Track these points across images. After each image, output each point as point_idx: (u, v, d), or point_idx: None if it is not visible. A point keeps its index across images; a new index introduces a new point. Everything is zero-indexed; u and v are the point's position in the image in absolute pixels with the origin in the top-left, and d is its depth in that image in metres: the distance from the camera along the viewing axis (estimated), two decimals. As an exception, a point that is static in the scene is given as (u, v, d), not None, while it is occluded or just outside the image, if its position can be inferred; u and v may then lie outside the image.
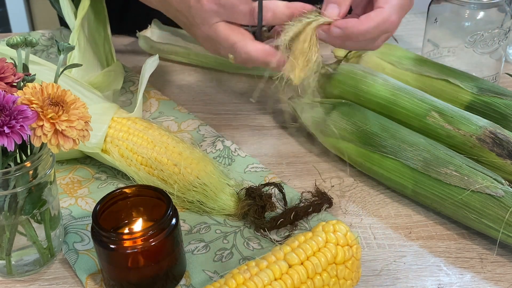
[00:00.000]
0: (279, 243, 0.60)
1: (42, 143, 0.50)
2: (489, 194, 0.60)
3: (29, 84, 0.51)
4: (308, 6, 0.65)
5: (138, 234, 0.53)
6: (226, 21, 0.67)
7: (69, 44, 0.57)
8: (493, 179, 0.61)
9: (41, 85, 0.51)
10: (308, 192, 0.67)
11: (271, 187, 0.66)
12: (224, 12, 0.66)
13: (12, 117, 0.48)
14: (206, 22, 0.67)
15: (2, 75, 0.52)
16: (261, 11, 0.64)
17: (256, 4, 0.65)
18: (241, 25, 0.68)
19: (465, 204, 0.61)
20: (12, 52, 0.57)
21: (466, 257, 0.60)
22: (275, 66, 0.66)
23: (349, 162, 0.71)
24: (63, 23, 1.02)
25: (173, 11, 0.71)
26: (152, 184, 0.64)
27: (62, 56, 0.57)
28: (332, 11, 0.63)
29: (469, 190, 0.60)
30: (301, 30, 0.63)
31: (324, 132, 0.72)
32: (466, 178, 0.61)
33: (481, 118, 0.69)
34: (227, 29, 0.67)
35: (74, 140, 0.51)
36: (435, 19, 0.80)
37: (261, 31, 0.68)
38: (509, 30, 0.79)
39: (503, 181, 0.61)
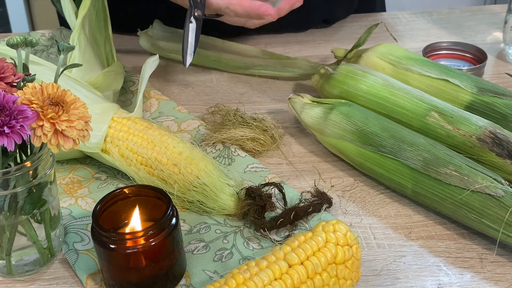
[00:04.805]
0: (279, 243, 0.60)
1: (42, 143, 0.50)
2: (489, 194, 0.60)
3: (29, 84, 0.51)
4: None
5: (138, 234, 0.53)
6: None
7: (69, 44, 0.57)
8: (493, 179, 0.61)
9: (41, 85, 0.51)
10: (308, 192, 0.67)
11: (271, 187, 0.66)
12: None
13: (12, 117, 0.48)
14: None
15: (2, 75, 0.52)
16: None
17: None
18: None
19: (465, 204, 0.61)
20: (12, 52, 0.58)
21: (466, 257, 0.60)
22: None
23: (349, 162, 0.71)
24: (63, 22, 1.02)
25: None
26: (152, 184, 0.64)
27: (62, 56, 0.57)
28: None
29: (469, 190, 0.60)
30: None
31: (324, 132, 0.72)
32: (466, 178, 0.61)
33: (481, 118, 0.69)
34: None
35: (74, 140, 0.51)
36: None
37: None
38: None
39: (503, 181, 0.61)
